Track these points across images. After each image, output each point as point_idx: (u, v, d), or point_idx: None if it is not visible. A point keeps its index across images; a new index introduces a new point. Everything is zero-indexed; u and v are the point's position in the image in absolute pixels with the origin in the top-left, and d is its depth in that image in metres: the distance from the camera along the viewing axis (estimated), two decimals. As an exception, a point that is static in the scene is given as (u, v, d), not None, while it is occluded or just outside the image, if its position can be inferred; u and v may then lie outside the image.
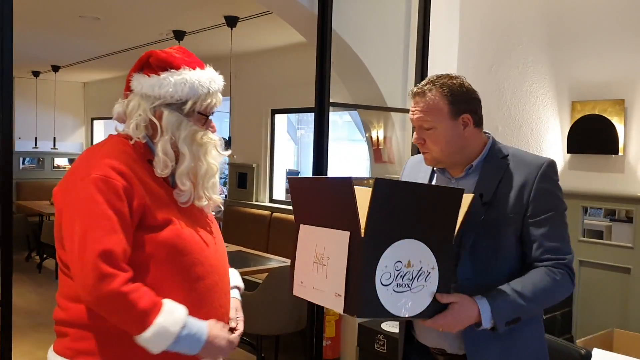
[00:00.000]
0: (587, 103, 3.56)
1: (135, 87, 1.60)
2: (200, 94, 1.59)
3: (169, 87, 1.56)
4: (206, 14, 5.04)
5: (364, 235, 1.40)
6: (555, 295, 1.69)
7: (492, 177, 1.72)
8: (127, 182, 1.49)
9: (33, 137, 9.51)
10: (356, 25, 3.79)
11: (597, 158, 3.55)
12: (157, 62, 1.59)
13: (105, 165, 1.49)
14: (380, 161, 4.25)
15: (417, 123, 1.74)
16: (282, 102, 6.39)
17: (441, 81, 1.72)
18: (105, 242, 1.43)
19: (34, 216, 8.26)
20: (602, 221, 3.79)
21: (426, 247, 1.48)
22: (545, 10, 3.77)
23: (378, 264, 1.41)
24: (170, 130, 1.57)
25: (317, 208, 1.58)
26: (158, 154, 1.56)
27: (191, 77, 1.58)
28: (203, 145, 1.61)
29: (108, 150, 1.55)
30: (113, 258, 1.44)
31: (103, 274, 1.41)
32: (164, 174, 1.58)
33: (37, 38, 6.37)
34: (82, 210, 1.45)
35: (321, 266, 1.51)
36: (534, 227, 1.68)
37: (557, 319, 3.53)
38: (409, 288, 1.47)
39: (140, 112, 1.57)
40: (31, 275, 7.44)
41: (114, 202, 1.46)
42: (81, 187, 1.47)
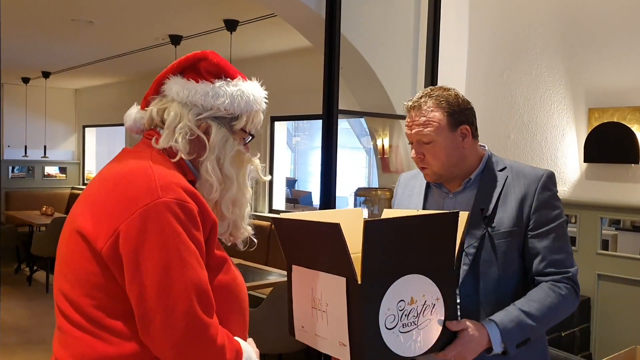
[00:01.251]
0: (606, 110, 3.43)
1: (175, 92, 1.34)
2: (254, 110, 1.39)
3: (225, 98, 1.33)
4: (205, 18, 4.90)
5: (361, 281, 1.31)
6: (563, 311, 1.66)
7: (492, 191, 1.70)
8: (198, 206, 1.24)
9: (23, 146, 9.30)
10: (365, 29, 3.66)
11: (615, 167, 3.41)
12: (210, 68, 1.37)
13: (175, 184, 1.21)
14: (388, 171, 4.11)
15: (415, 138, 1.70)
16: (282, 109, 6.24)
17: (436, 93, 1.70)
18: (197, 280, 1.18)
19: (23, 227, 8.04)
20: (608, 230, 3.68)
21: (427, 279, 1.41)
22: (560, 13, 3.64)
23: (380, 309, 1.33)
24: (218, 148, 1.34)
25: (307, 250, 1.47)
26: (205, 176, 1.33)
27: (247, 90, 1.38)
28: (244, 168, 1.39)
29: (162, 165, 1.27)
30: (208, 300, 1.20)
31: (201, 322, 1.17)
32: (211, 200, 1.33)
33: (27, 43, 6.20)
34: (157, 244, 1.16)
35: (320, 312, 1.42)
36: (536, 240, 1.66)
37: (576, 336, 3.39)
38: (416, 325, 1.40)
39: (184, 123, 1.32)
40: (20, 288, 7.22)
41: (194, 231, 1.20)
42: (149, 214, 1.17)
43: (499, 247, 1.66)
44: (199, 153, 1.35)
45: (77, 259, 1.23)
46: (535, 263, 1.67)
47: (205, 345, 1.18)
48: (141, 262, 1.16)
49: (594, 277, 3.42)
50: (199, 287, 1.18)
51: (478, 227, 1.67)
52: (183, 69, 1.38)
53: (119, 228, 1.17)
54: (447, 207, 1.76)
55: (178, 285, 1.16)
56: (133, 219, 1.17)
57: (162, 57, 6.33)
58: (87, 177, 10.28)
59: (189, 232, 1.19)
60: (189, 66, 1.38)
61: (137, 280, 1.16)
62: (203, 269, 1.21)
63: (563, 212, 1.72)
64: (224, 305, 1.28)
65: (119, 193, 1.22)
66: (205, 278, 1.21)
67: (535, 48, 3.77)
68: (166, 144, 1.32)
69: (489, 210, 1.68)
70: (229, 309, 1.31)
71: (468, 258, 1.67)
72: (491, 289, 1.66)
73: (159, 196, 1.18)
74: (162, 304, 1.15)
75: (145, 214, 1.17)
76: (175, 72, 1.37)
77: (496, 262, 1.66)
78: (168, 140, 1.32)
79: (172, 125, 1.32)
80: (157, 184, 1.20)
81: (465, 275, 1.67)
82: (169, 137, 1.32)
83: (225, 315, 1.29)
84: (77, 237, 1.23)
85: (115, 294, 1.20)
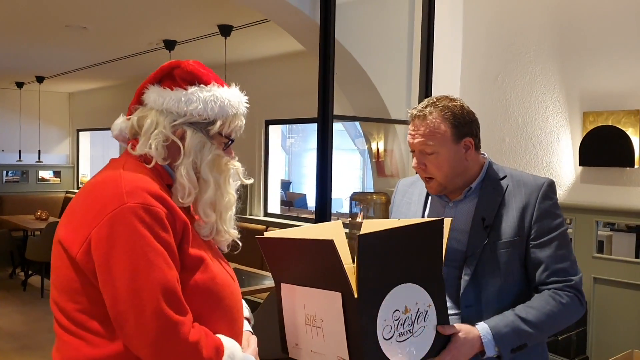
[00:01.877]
0: (600, 113, 3.44)
1: (152, 100, 1.39)
2: (230, 115, 1.42)
3: (198, 104, 1.36)
4: (199, 23, 4.89)
5: (357, 295, 1.32)
6: (563, 319, 1.65)
7: (492, 200, 1.69)
8: (167, 209, 1.28)
9: (17, 150, 9.26)
10: (359, 34, 3.66)
11: (611, 171, 3.42)
12: (184, 75, 1.40)
13: (140, 189, 1.26)
14: (384, 175, 4.10)
15: (418, 147, 1.69)
16: (277, 112, 6.23)
17: (442, 103, 1.69)
18: (164, 281, 1.22)
19: (18, 231, 8.00)
20: (603, 230, 3.68)
21: (419, 287, 1.44)
22: (554, 17, 3.65)
23: (377, 320, 1.36)
24: (193, 152, 1.37)
25: (296, 267, 1.48)
26: (180, 180, 1.36)
27: (222, 95, 1.40)
28: (224, 173, 1.42)
29: (131, 172, 1.31)
30: (176, 298, 1.24)
31: (170, 321, 1.21)
32: (185, 203, 1.37)
33: (21, 48, 6.18)
34: (124, 248, 1.21)
35: (315, 328, 1.43)
36: (538, 250, 1.65)
37: (572, 339, 3.39)
38: (411, 333, 1.42)
39: (160, 130, 1.35)
40: (15, 293, 7.19)
41: (160, 233, 1.25)
42: (115, 220, 1.22)
43: (501, 257, 1.65)
44: (174, 158, 1.38)
45: (59, 267, 1.29)
46: (538, 273, 1.66)
47: (177, 342, 1.22)
48: (112, 266, 1.21)
49: (590, 281, 3.42)
50: (165, 287, 1.22)
51: (480, 236, 1.66)
52: (161, 78, 1.42)
53: (90, 235, 1.23)
54: (447, 216, 1.74)
55: (146, 286, 1.21)
56: (101, 225, 1.23)
57: (157, 61, 6.30)
58: (82, 181, 10.24)
59: (155, 234, 1.24)
60: (165, 75, 1.42)
61: (109, 284, 1.22)
62: (172, 269, 1.25)
63: (564, 221, 1.71)
64: (204, 304, 1.32)
65: (90, 202, 1.29)
66: (172, 278, 1.24)
67: (530, 52, 3.77)
68: (142, 150, 1.36)
69: (490, 219, 1.67)
70: (210, 307, 1.34)
71: (469, 268, 1.66)
72: (493, 299, 1.65)
73: (125, 202, 1.23)
74: (133, 306, 1.20)
75: (112, 219, 1.22)
76: (154, 82, 1.42)
77: (498, 272, 1.65)
78: (144, 147, 1.36)
79: (148, 132, 1.37)
80: (123, 190, 1.25)
81: (467, 286, 1.66)
82: (144, 143, 1.36)
83: (207, 313, 1.32)
84: (59, 246, 1.30)
85: (94, 298, 1.26)
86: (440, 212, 1.79)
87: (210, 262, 1.36)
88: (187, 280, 1.30)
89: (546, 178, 1.72)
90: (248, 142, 6.46)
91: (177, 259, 1.28)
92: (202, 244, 1.38)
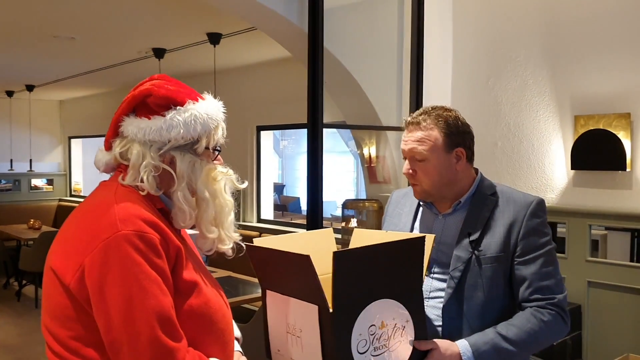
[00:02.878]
0: (591, 117, 3.43)
1: (130, 133, 1.36)
2: (212, 128, 1.40)
3: (180, 128, 1.34)
4: (188, 31, 4.86)
5: (333, 309, 1.34)
6: (544, 337, 1.64)
7: (480, 215, 1.70)
8: (161, 235, 1.28)
9: (8, 159, 9.21)
10: (348, 41, 3.64)
11: (603, 174, 3.41)
12: (158, 101, 1.37)
13: (134, 217, 1.25)
14: (376, 181, 4.08)
15: (409, 154, 1.71)
16: (268, 118, 6.21)
17: (436, 112, 1.70)
18: (159, 308, 1.22)
19: (11, 241, 7.95)
20: (597, 230, 3.67)
21: (397, 303, 1.45)
22: (544, 20, 3.64)
23: (352, 334, 1.37)
24: (186, 175, 1.37)
25: (280, 277, 1.51)
26: (179, 205, 1.36)
27: (200, 112, 1.38)
28: (219, 183, 1.42)
29: (125, 199, 1.30)
30: (172, 325, 1.24)
31: (166, 347, 1.21)
32: (187, 226, 1.39)
33: (10, 58, 6.14)
34: (118, 276, 1.20)
35: (295, 337, 1.46)
36: (523, 267, 1.65)
37: (568, 344, 3.38)
38: (387, 348, 1.43)
39: (147, 162, 1.34)
40: (9, 304, 7.15)
41: (155, 260, 1.24)
42: (109, 247, 1.21)
43: (485, 272, 1.66)
44: (168, 184, 1.37)
45: (52, 294, 1.28)
46: (521, 290, 1.66)
47: None
48: (105, 294, 1.20)
49: (584, 284, 3.42)
50: (160, 314, 1.22)
51: (465, 250, 1.67)
52: (134, 108, 1.39)
53: (84, 263, 1.22)
54: (436, 229, 1.77)
55: (140, 314, 1.20)
56: (95, 253, 1.22)
57: (148, 69, 6.28)
58: (74, 189, 10.19)
59: (149, 261, 1.23)
60: (138, 104, 1.39)
61: (103, 312, 1.21)
62: (166, 296, 1.24)
63: (552, 239, 1.71)
64: (197, 329, 1.32)
65: (83, 229, 1.27)
66: (167, 305, 1.24)
67: (520, 55, 3.76)
68: (132, 182, 1.35)
69: (476, 234, 1.68)
70: (204, 331, 1.34)
71: (453, 281, 1.66)
72: (475, 314, 1.65)
73: (118, 229, 1.22)
74: (127, 333, 1.20)
75: (106, 247, 1.21)
76: (128, 112, 1.39)
77: (482, 287, 1.66)
78: (134, 179, 1.35)
79: (136, 164, 1.35)
80: (117, 217, 1.24)
81: (449, 299, 1.66)
82: (134, 176, 1.35)
83: (201, 338, 1.32)
84: (51, 273, 1.28)
85: (88, 325, 1.25)
86: (430, 224, 1.80)
87: (203, 286, 1.36)
88: (182, 305, 1.30)
89: (536, 196, 1.73)
90: (240, 149, 6.43)
91: (171, 285, 1.27)
92: (195, 268, 1.38)
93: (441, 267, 1.71)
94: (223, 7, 3.53)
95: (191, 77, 7.11)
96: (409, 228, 1.84)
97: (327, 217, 9.03)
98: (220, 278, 4.67)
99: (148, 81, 1.42)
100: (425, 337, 1.51)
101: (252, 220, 6.42)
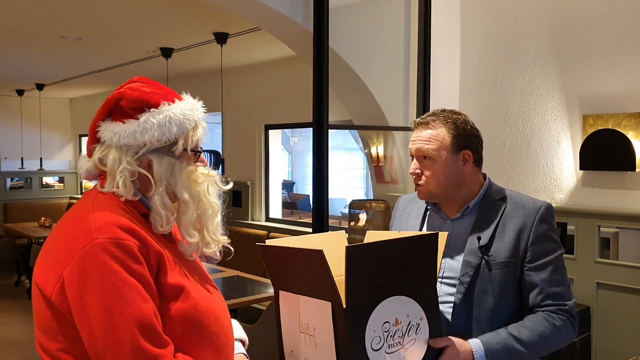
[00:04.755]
0: (600, 116, 3.39)
1: (107, 138, 1.34)
2: (189, 129, 1.37)
3: (154, 131, 1.32)
4: (195, 31, 4.87)
5: (346, 305, 1.34)
6: (554, 342, 1.65)
7: (489, 220, 1.71)
8: (139, 241, 1.26)
9: (19, 157, 9.28)
10: (354, 41, 3.61)
11: (612, 175, 3.37)
12: (131, 104, 1.34)
13: (110, 224, 1.24)
14: (383, 181, 4.06)
15: (417, 153, 1.72)
16: (276, 117, 6.20)
17: (445, 114, 1.72)
18: (139, 315, 1.20)
19: (22, 238, 8.02)
20: (608, 228, 3.63)
21: (411, 300, 1.44)
22: (553, 19, 3.59)
23: (366, 331, 1.37)
24: (165, 178, 1.35)
25: (293, 276, 1.50)
26: (156, 209, 1.33)
27: (175, 113, 1.35)
28: (201, 185, 1.39)
29: (102, 207, 1.29)
30: (154, 332, 1.22)
31: (149, 355, 1.19)
32: (165, 230, 1.36)
33: (19, 57, 6.18)
34: (97, 285, 1.19)
35: (308, 336, 1.45)
36: (534, 273, 1.66)
37: (576, 346, 3.35)
38: (401, 345, 1.43)
39: (123, 167, 1.32)
40: (20, 302, 7.19)
41: (133, 266, 1.22)
42: (86, 257, 1.20)
43: (495, 278, 1.66)
44: (146, 189, 1.35)
45: (38, 307, 1.28)
46: (532, 296, 1.66)
47: None
48: (86, 304, 1.20)
49: (592, 286, 3.38)
50: (141, 321, 1.20)
51: (474, 255, 1.68)
52: (109, 112, 1.37)
53: (63, 274, 1.21)
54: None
55: (121, 322, 1.19)
56: (73, 263, 1.21)
57: (156, 68, 6.29)
58: (85, 187, 10.25)
59: (128, 268, 1.22)
60: (112, 108, 1.37)
61: (85, 323, 1.20)
62: (147, 302, 1.23)
63: (561, 244, 1.72)
64: (187, 333, 1.30)
65: (61, 241, 1.27)
66: (149, 311, 1.22)
67: (528, 54, 3.72)
68: (110, 189, 1.33)
69: (485, 239, 1.68)
70: (194, 336, 1.31)
71: (463, 286, 1.67)
72: (485, 319, 1.65)
73: (94, 238, 1.21)
74: (110, 343, 1.19)
75: (83, 257, 1.20)
76: (104, 118, 1.37)
77: (491, 292, 1.66)
78: (111, 186, 1.33)
79: (112, 170, 1.33)
80: (93, 226, 1.23)
81: (459, 304, 1.67)
82: (111, 182, 1.33)
83: (191, 342, 1.30)
84: (35, 286, 1.28)
85: (72, 337, 1.24)
86: (438, 229, 1.79)
87: (191, 289, 1.34)
88: (168, 311, 1.28)
89: (544, 202, 1.73)
90: (248, 147, 6.43)
91: (153, 291, 1.26)
92: (182, 271, 1.35)
93: (450, 272, 1.72)
94: (228, 8, 3.53)
95: (198, 76, 7.11)
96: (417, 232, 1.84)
97: (337, 216, 9.01)
98: (228, 278, 4.68)
99: (125, 84, 1.40)
100: (440, 335, 1.51)
101: (261, 219, 6.42)
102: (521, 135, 3.78)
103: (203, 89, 7.09)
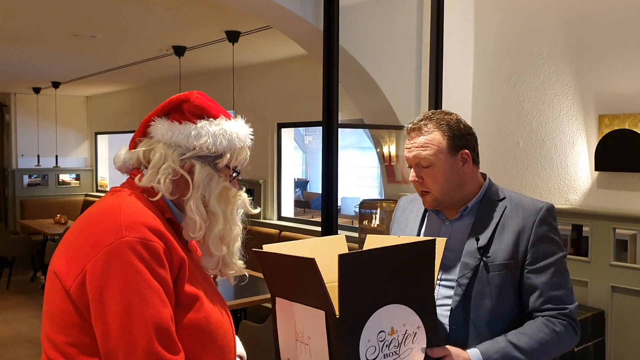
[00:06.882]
0: (617, 116, 3.31)
1: (160, 133, 1.38)
2: (237, 148, 1.41)
3: (208, 138, 1.36)
4: (207, 30, 4.87)
5: (339, 314, 1.32)
6: (555, 348, 1.62)
7: (489, 221, 1.67)
8: (165, 244, 1.27)
9: (36, 155, 9.37)
10: (364, 40, 3.58)
11: (627, 176, 3.30)
12: (192, 109, 1.39)
13: (140, 224, 1.25)
14: (394, 181, 4.02)
15: (414, 161, 1.68)
16: (289, 115, 6.18)
17: (437, 116, 1.69)
18: (158, 319, 1.20)
19: (38, 235, 8.11)
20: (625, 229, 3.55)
21: (407, 308, 1.41)
22: (568, 17, 3.52)
23: (360, 340, 1.34)
24: (202, 186, 1.37)
25: (288, 283, 1.49)
26: (190, 214, 1.35)
27: (230, 129, 1.39)
28: (231, 204, 1.41)
29: (133, 206, 1.30)
30: (170, 337, 1.22)
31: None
32: (196, 237, 1.37)
33: (35, 56, 6.22)
34: (119, 283, 1.19)
35: (304, 345, 1.43)
36: (534, 275, 1.62)
37: (590, 350, 3.28)
38: (398, 355, 1.40)
39: (168, 164, 1.34)
40: (36, 297, 7.27)
41: (157, 269, 1.23)
42: (112, 254, 1.21)
43: (493, 280, 1.63)
44: (183, 192, 1.37)
45: (52, 298, 1.27)
46: (532, 299, 1.63)
47: None
48: (105, 301, 1.19)
49: (607, 289, 3.32)
50: (159, 325, 1.20)
51: (472, 257, 1.65)
52: (168, 111, 1.41)
53: (86, 267, 1.21)
54: (443, 234, 1.74)
55: (139, 323, 1.19)
56: (97, 258, 1.20)
57: (169, 66, 6.31)
58: (101, 184, 10.32)
59: (152, 270, 1.22)
60: (173, 108, 1.41)
61: (101, 319, 1.20)
62: (166, 307, 1.23)
63: (563, 247, 1.67)
64: (196, 344, 1.30)
65: (88, 234, 1.26)
66: (167, 316, 1.22)
67: (543, 52, 3.65)
68: (148, 183, 1.35)
69: (484, 240, 1.65)
70: (203, 347, 1.31)
71: (461, 289, 1.64)
72: (483, 322, 1.62)
73: (123, 235, 1.21)
74: (124, 342, 1.18)
75: (109, 253, 1.20)
76: (161, 115, 1.41)
77: (489, 295, 1.63)
78: (151, 180, 1.35)
79: (156, 165, 1.35)
80: (122, 224, 1.24)
81: (456, 306, 1.64)
82: (152, 176, 1.35)
83: (200, 354, 1.30)
84: (53, 276, 1.27)
85: (86, 331, 1.23)
86: (437, 230, 1.77)
87: (205, 300, 1.34)
88: (181, 319, 1.28)
89: (545, 202, 1.69)
90: (260, 146, 6.41)
91: (172, 296, 1.26)
92: (199, 281, 1.36)
93: (448, 274, 1.68)
94: (239, 6, 3.51)
95: (211, 75, 7.11)
96: (415, 234, 1.82)
97: (349, 215, 8.97)
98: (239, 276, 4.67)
99: (188, 93, 1.43)
100: (437, 344, 1.48)
101: (273, 218, 6.40)
102: (535, 135, 3.71)
103: (215, 87, 7.11)
